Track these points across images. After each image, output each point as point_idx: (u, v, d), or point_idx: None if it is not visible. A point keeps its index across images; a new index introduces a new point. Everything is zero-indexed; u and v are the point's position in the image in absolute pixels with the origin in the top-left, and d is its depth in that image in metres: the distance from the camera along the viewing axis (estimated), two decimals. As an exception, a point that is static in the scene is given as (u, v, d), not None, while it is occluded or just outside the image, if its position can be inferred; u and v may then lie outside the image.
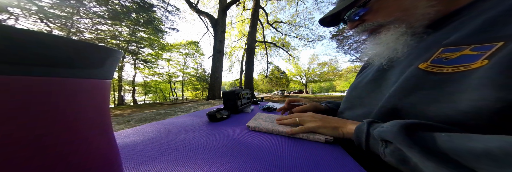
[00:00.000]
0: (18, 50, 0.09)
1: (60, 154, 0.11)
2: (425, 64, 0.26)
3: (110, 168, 0.16)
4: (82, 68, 0.13)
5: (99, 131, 0.15)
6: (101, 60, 0.14)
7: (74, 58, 0.12)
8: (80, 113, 0.13)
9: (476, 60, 0.21)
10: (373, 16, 0.36)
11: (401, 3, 0.32)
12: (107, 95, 0.16)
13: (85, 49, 0.13)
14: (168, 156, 0.28)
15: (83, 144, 0.13)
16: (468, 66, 0.22)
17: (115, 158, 0.17)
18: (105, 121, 0.16)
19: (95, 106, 0.14)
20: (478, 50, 0.22)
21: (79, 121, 0.13)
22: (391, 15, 0.33)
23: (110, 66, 0.15)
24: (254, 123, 0.46)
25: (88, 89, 0.13)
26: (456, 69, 0.23)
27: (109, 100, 0.18)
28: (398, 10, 0.32)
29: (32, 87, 0.10)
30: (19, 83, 0.10)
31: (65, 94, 0.12)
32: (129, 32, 11.98)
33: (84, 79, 0.13)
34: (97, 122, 0.15)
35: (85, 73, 0.13)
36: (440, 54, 0.26)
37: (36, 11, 8.89)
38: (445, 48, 0.25)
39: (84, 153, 0.13)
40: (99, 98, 0.15)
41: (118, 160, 0.18)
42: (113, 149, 0.17)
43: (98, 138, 0.15)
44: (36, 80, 0.10)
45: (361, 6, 0.35)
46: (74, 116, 0.12)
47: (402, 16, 0.33)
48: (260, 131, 0.43)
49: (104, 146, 0.15)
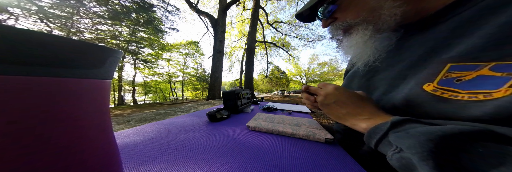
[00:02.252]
0: (18, 51, 0.09)
1: (60, 153, 0.12)
2: (431, 86, 0.21)
3: (110, 166, 0.16)
4: (82, 68, 0.13)
5: (99, 130, 0.15)
6: (101, 60, 0.14)
7: (74, 58, 0.12)
8: (80, 113, 0.13)
9: (501, 87, 0.16)
10: (342, 14, 0.34)
11: (367, 2, 0.29)
12: (107, 94, 0.16)
13: (85, 50, 0.13)
14: (168, 156, 0.28)
15: (83, 143, 0.13)
16: (489, 94, 0.16)
17: (115, 157, 0.17)
18: (105, 120, 0.16)
19: (96, 105, 0.15)
20: (501, 71, 0.16)
21: (79, 121, 0.13)
22: (358, 15, 0.31)
23: (110, 66, 0.15)
24: (254, 123, 0.46)
25: (88, 88, 0.14)
26: (473, 98, 0.17)
27: (109, 100, 0.18)
28: (364, 9, 0.30)
29: (32, 87, 0.10)
30: (19, 83, 0.10)
31: (65, 94, 0.12)
32: (129, 32, 11.99)
33: (84, 80, 0.13)
34: (97, 121, 0.15)
35: (85, 74, 0.13)
36: (449, 74, 0.20)
37: (36, 11, 8.90)
38: (454, 64, 0.20)
39: (84, 151, 0.13)
40: (99, 98, 0.15)
41: (118, 159, 0.18)
42: (113, 147, 0.17)
43: (98, 137, 0.15)
44: (36, 80, 0.10)
45: (330, 3, 0.33)
46: (74, 115, 0.12)
47: (368, 17, 0.30)
48: (260, 131, 0.43)
49: (104, 145, 0.15)
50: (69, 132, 0.12)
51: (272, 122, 0.48)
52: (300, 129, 0.42)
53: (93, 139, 0.14)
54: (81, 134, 0.13)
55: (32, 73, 0.10)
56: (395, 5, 0.27)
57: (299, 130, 0.40)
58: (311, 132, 0.40)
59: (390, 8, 0.27)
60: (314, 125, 0.47)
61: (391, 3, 0.27)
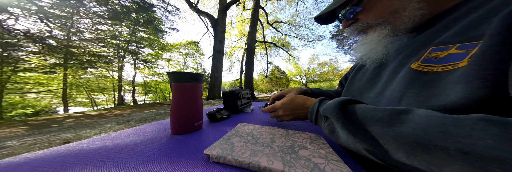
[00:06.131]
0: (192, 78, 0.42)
1: (195, 115, 0.43)
2: (416, 64, 0.27)
3: (200, 120, 0.45)
4: (199, 81, 0.44)
5: (200, 104, 0.45)
6: (201, 78, 0.45)
7: (198, 78, 0.44)
8: (199, 96, 0.44)
9: (463, 59, 0.22)
10: (365, 15, 0.36)
11: (392, 4, 0.32)
12: (201, 88, 0.46)
13: (200, 76, 0.44)
14: (168, 156, 0.28)
15: (198, 109, 0.44)
16: (456, 65, 0.22)
17: (202, 115, 0.46)
18: (200, 99, 0.45)
19: (200, 93, 0.45)
20: (464, 49, 0.22)
21: (198, 99, 0.44)
22: (380, 16, 0.34)
23: (202, 79, 0.45)
24: (219, 149, 0.28)
25: (199, 87, 0.45)
26: (445, 68, 0.23)
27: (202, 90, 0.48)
28: (387, 11, 0.33)
29: (190, 87, 0.42)
30: (189, 85, 0.42)
31: (197, 88, 0.44)
32: (129, 32, 11.97)
33: (199, 84, 0.45)
34: (200, 99, 0.45)
35: (199, 82, 0.45)
36: (429, 54, 0.26)
37: (36, 11, 8.88)
38: (434, 47, 0.26)
39: (198, 114, 0.44)
40: (201, 90, 0.46)
41: (202, 112, 0.46)
42: (201, 110, 0.45)
43: (200, 106, 0.45)
44: (190, 85, 0.42)
45: (355, 5, 0.36)
46: (198, 97, 0.44)
47: (389, 18, 0.33)
48: (227, 164, 0.26)
49: (201, 110, 0.46)
50: (198, 100, 0.44)
51: (255, 144, 0.31)
52: (297, 159, 0.25)
53: (200, 107, 0.45)
54: (198, 104, 0.44)
55: (191, 82, 0.42)
56: (417, 7, 0.30)
57: (295, 163, 0.24)
58: (316, 166, 0.23)
59: (412, 10, 0.30)
60: (321, 146, 0.30)
61: (415, 5, 0.30)
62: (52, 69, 9.64)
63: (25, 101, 11.37)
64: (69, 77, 11.21)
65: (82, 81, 12.13)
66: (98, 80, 12.63)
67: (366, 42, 0.38)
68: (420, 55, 0.28)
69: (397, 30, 0.34)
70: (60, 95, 11.61)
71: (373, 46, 0.37)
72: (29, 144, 1.93)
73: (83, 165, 0.25)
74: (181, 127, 0.41)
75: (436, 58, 0.25)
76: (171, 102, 0.41)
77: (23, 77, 10.05)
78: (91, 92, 12.95)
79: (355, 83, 0.45)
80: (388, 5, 0.32)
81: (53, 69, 9.73)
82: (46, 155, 0.28)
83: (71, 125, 3.09)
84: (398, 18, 0.32)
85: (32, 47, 8.44)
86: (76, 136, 2.17)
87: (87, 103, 13.20)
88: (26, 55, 8.72)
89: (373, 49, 0.38)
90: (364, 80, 0.41)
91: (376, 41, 0.36)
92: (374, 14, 0.35)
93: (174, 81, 0.40)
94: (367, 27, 0.37)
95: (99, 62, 10.91)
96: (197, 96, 0.43)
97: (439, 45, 0.26)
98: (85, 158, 0.27)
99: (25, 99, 11.35)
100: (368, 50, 0.39)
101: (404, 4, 0.31)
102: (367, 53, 0.40)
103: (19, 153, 1.69)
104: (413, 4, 0.30)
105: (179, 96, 0.40)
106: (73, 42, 9.65)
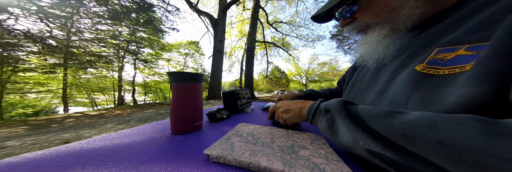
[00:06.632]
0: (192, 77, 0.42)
1: (195, 115, 0.43)
2: (421, 66, 0.26)
3: (200, 119, 0.45)
4: (199, 81, 0.44)
5: (200, 103, 0.45)
6: (201, 78, 0.44)
7: (198, 78, 0.43)
8: (199, 94, 0.45)
9: (472, 61, 0.20)
10: (362, 15, 0.36)
11: (389, 3, 0.31)
12: (201, 88, 0.46)
13: (200, 76, 0.44)
14: (168, 156, 0.28)
15: (199, 109, 0.44)
16: (463, 67, 0.21)
17: (202, 114, 0.46)
18: (200, 99, 0.45)
19: (200, 93, 0.45)
20: (473, 50, 0.21)
21: (199, 99, 0.44)
22: (378, 15, 0.33)
23: (202, 79, 0.45)
24: (219, 149, 0.28)
25: (199, 86, 0.45)
26: (452, 71, 0.22)
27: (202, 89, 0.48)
28: (385, 9, 0.32)
29: (190, 87, 0.42)
30: (189, 85, 0.42)
31: (197, 88, 0.44)
32: (129, 32, 11.96)
33: (199, 84, 0.45)
34: (200, 99, 0.45)
35: (200, 82, 0.44)
36: (435, 55, 0.25)
37: (36, 11, 8.88)
38: (440, 48, 0.25)
39: (198, 114, 0.44)
40: (200, 89, 0.46)
41: (202, 112, 0.46)
42: (201, 110, 0.45)
43: (200, 106, 0.45)
44: (190, 85, 0.42)
45: (351, 3, 0.35)
46: (198, 97, 0.44)
47: (387, 17, 0.32)
48: (227, 164, 0.26)
49: (201, 110, 0.46)
50: (196, 103, 0.43)
51: (255, 144, 0.31)
52: (297, 159, 0.25)
53: (200, 107, 0.45)
54: (199, 104, 0.44)
55: (191, 82, 0.42)
56: (416, 5, 0.29)
57: (295, 163, 0.24)
58: (316, 166, 0.24)
59: (410, 8, 0.29)
60: (321, 146, 0.30)
61: (413, 3, 0.29)
62: (52, 69, 9.64)
63: (25, 101, 11.37)
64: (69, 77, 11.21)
65: (82, 81, 12.13)
66: (98, 80, 12.63)
67: (366, 43, 0.37)
68: (425, 56, 0.26)
69: (397, 29, 0.33)
70: (60, 95, 11.61)
71: (374, 46, 0.36)
72: (29, 144, 1.92)
73: (83, 165, 0.25)
74: (181, 127, 0.40)
75: (443, 60, 0.23)
76: (171, 102, 0.41)
77: (23, 78, 10.04)
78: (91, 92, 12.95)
79: (357, 84, 0.44)
80: (385, 3, 0.31)
81: (53, 69, 9.73)
82: (46, 155, 0.28)
83: (71, 125, 3.09)
84: (397, 17, 0.31)
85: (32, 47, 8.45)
86: (76, 136, 2.17)
87: (87, 103, 13.20)
88: (26, 55, 8.72)
89: (374, 49, 0.37)
90: (365, 81, 0.41)
91: (376, 41, 0.35)
92: (371, 13, 0.34)
93: (174, 81, 0.40)
94: (365, 27, 0.36)
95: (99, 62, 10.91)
96: (197, 96, 0.43)
97: (446, 46, 0.24)
98: (85, 158, 0.27)
99: (25, 99, 11.35)
100: (369, 51, 0.38)
101: (402, 3, 0.30)
102: (368, 54, 0.39)
103: (19, 153, 1.69)
104: (411, 2, 0.29)
105: (179, 96, 0.40)
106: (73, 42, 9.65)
